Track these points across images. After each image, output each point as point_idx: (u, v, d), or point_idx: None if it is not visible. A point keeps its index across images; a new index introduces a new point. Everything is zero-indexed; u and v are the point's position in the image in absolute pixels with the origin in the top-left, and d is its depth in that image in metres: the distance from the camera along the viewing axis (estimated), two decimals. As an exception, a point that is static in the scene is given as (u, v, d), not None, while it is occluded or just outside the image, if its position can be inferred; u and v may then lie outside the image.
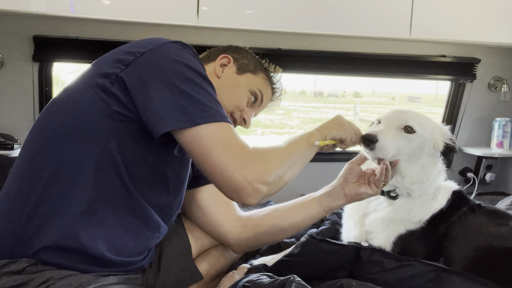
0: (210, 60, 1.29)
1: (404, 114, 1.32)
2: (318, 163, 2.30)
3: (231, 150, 0.95)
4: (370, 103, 3.74)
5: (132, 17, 1.69)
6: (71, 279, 0.95)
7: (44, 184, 0.98)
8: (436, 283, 1.09)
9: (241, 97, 1.26)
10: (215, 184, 0.98)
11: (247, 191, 0.94)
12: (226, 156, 0.94)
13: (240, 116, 1.27)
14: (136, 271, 1.12)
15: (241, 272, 1.32)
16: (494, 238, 1.23)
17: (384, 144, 1.22)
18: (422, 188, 1.32)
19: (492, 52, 2.37)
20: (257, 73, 1.31)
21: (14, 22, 1.85)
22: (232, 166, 0.93)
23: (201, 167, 0.97)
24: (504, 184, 2.55)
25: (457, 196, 1.36)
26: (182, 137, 0.96)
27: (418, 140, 1.29)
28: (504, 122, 2.35)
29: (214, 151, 0.94)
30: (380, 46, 2.21)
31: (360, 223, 1.39)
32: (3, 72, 1.88)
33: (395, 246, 1.30)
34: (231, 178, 0.94)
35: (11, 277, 0.94)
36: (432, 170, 1.32)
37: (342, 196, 1.27)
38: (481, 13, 1.95)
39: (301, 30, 1.86)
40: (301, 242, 1.25)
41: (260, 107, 1.33)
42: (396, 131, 1.28)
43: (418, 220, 1.31)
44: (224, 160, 0.93)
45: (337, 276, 1.16)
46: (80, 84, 1.03)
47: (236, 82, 1.26)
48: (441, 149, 1.32)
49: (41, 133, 1.03)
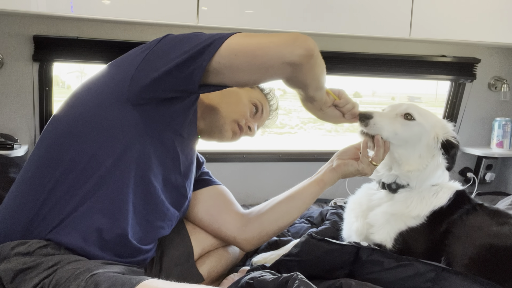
0: None
1: (407, 104, 1.36)
2: (318, 163, 2.30)
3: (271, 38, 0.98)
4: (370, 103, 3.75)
5: (132, 17, 1.69)
6: (79, 264, 0.96)
7: (63, 170, 1.02)
8: (436, 283, 1.09)
9: (245, 106, 1.30)
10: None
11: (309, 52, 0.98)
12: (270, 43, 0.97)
13: (246, 124, 1.30)
14: (140, 264, 1.13)
15: (242, 275, 1.32)
16: (496, 236, 1.23)
17: (378, 122, 1.29)
18: (420, 177, 1.34)
19: (492, 52, 2.37)
20: (254, 87, 1.37)
21: (14, 22, 1.85)
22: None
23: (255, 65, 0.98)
24: (504, 184, 2.55)
25: (460, 196, 1.37)
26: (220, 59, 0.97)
27: (416, 128, 1.33)
28: (504, 122, 2.35)
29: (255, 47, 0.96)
30: (380, 46, 2.21)
31: (362, 217, 1.40)
32: (3, 72, 1.88)
33: (396, 243, 1.31)
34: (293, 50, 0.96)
35: (21, 259, 0.96)
36: (430, 162, 1.34)
37: (332, 169, 1.35)
38: (481, 13, 1.95)
39: (301, 30, 1.85)
40: (301, 241, 1.25)
41: (261, 118, 1.37)
42: (395, 116, 1.33)
43: (416, 214, 1.32)
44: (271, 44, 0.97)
45: (336, 276, 1.16)
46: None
47: (238, 92, 1.31)
48: (441, 142, 1.34)
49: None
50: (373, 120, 1.28)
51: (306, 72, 1.01)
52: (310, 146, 2.84)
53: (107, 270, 0.96)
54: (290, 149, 2.48)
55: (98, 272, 0.93)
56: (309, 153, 2.38)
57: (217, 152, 2.24)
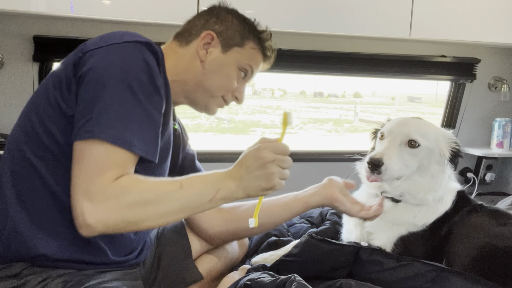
0: (192, 37, 1.16)
1: (406, 126, 1.30)
2: (318, 163, 2.30)
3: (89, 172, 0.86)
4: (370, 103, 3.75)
5: (132, 17, 1.69)
6: (69, 277, 0.94)
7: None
8: (436, 283, 1.09)
9: (231, 79, 1.16)
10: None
11: (78, 221, 0.84)
12: (80, 175, 0.86)
13: (232, 96, 1.20)
14: (133, 266, 1.12)
15: (242, 273, 1.32)
16: (497, 237, 1.23)
17: (389, 165, 1.23)
18: (436, 196, 1.31)
19: (492, 52, 2.36)
20: (245, 44, 1.17)
21: (14, 22, 1.84)
22: (78, 189, 0.85)
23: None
24: (504, 184, 2.55)
25: (460, 197, 1.36)
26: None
27: (423, 153, 1.29)
28: (504, 122, 2.35)
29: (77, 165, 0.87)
30: (380, 46, 2.21)
31: (361, 225, 1.39)
32: (3, 72, 1.88)
33: (396, 247, 1.30)
34: (73, 202, 0.86)
35: (8, 281, 0.93)
36: (443, 178, 1.31)
37: (321, 198, 1.30)
38: (481, 13, 1.95)
39: (301, 30, 1.86)
40: (301, 242, 1.25)
41: (251, 78, 1.24)
42: (400, 147, 1.27)
43: (423, 223, 1.31)
44: (77, 178, 0.86)
45: (336, 276, 1.16)
46: None
47: (223, 63, 1.15)
48: (448, 157, 1.31)
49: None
50: (384, 165, 1.22)
51: (127, 231, 0.96)
52: (310, 146, 2.84)
53: (99, 280, 0.96)
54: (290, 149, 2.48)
55: (89, 284, 0.93)
56: (309, 153, 2.38)
57: (217, 152, 2.24)
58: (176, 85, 1.11)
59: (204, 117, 8.27)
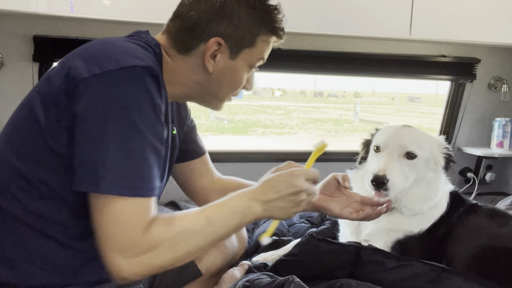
0: (201, 40, 1.01)
1: (401, 138, 1.30)
2: (317, 163, 2.29)
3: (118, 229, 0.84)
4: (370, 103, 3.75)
5: (132, 17, 1.69)
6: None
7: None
8: (436, 283, 1.09)
9: (241, 81, 1.08)
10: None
11: (113, 275, 0.84)
12: (106, 231, 0.84)
13: (241, 88, 1.13)
14: None
15: (241, 269, 1.32)
16: (496, 238, 1.23)
17: (393, 180, 1.23)
18: (432, 204, 1.32)
19: (492, 52, 2.37)
20: (256, 41, 1.04)
21: (14, 22, 1.84)
22: (108, 245, 0.83)
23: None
24: (504, 184, 2.55)
25: (454, 197, 1.37)
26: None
27: (421, 163, 1.30)
28: (504, 122, 2.36)
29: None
30: (380, 46, 2.21)
31: (356, 233, 1.39)
32: (3, 72, 1.88)
33: (393, 251, 1.31)
34: (105, 258, 0.84)
35: None
36: (439, 185, 1.33)
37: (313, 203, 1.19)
38: (481, 13, 1.95)
39: (301, 30, 1.85)
40: (301, 241, 1.25)
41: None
42: (398, 160, 1.28)
43: (419, 229, 1.31)
44: (102, 233, 0.84)
45: (337, 276, 1.16)
46: None
47: (233, 70, 1.05)
48: (443, 164, 1.33)
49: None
50: (390, 182, 1.23)
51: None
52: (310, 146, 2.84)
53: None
54: (290, 149, 2.49)
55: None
56: (309, 153, 2.37)
57: (217, 152, 2.24)
58: (175, 88, 1.05)
59: (204, 117, 8.26)
